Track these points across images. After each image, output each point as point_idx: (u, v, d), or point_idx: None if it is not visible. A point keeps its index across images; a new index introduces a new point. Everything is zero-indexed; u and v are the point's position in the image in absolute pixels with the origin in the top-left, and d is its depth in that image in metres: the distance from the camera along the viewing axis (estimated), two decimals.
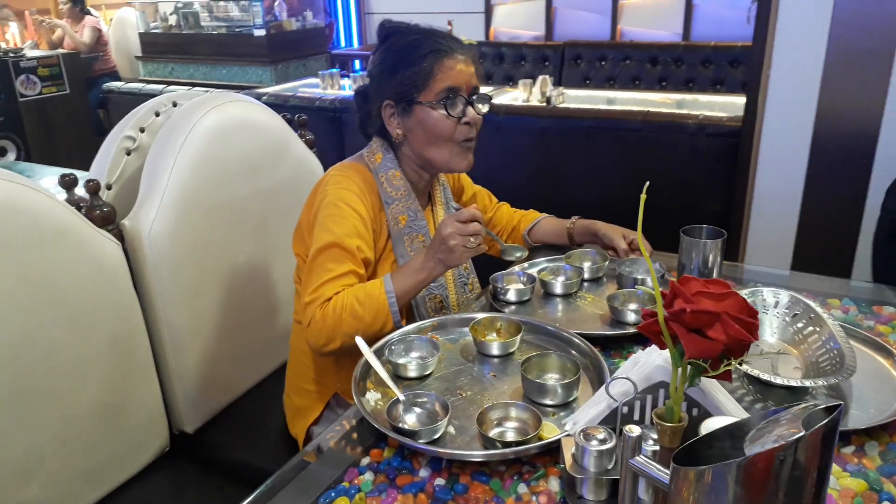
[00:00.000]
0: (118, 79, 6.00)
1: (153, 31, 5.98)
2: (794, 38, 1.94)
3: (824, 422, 0.50)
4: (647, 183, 0.74)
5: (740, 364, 0.74)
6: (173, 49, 5.85)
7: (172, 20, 5.92)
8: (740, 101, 2.91)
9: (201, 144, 1.51)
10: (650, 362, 0.90)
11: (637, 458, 0.66)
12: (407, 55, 1.37)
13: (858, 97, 1.90)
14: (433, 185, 1.54)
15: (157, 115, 1.62)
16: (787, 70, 1.98)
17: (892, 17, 1.82)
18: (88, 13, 6.23)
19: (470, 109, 1.37)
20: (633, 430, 0.68)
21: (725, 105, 2.83)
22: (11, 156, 4.94)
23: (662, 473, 0.63)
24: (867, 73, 1.88)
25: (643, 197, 0.73)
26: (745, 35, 4.58)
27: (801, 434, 0.49)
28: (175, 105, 1.65)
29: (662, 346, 0.76)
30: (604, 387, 0.90)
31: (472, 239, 1.24)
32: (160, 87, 3.54)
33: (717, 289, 0.74)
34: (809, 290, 1.43)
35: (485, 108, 1.40)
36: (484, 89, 1.43)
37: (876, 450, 0.97)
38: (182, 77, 5.81)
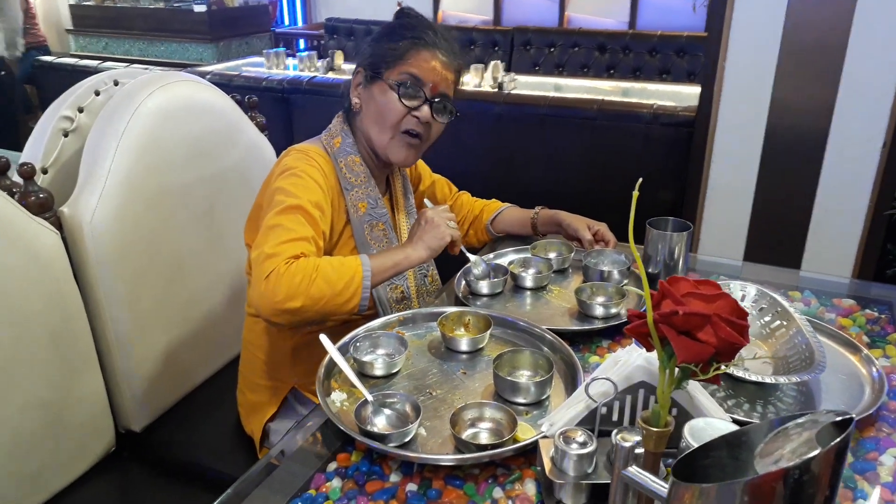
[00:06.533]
0: (49, 53, 5.68)
1: (85, 3, 5.68)
2: (749, 29, 1.96)
3: (839, 439, 0.48)
4: (640, 179, 0.71)
5: (729, 367, 0.72)
6: (107, 23, 5.58)
7: None
8: (688, 90, 2.95)
9: (146, 126, 1.41)
10: (630, 362, 0.87)
11: (630, 468, 0.63)
12: (392, 32, 1.36)
13: (811, 90, 1.93)
14: (392, 173, 1.49)
15: (98, 94, 1.51)
16: (743, 61, 1.99)
17: (845, 11, 1.85)
18: None
19: (425, 108, 1.33)
20: (628, 439, 0.65)
21: (674, 94, 2.85)
22: None
23: (659, 486, 0.60)
24: (819, 66, 1.91)
25: (635, 194, 0.70)
26: (690, 25, 4.67)
27: (818, 452, 0.47)
28: (116, 84, 1.55)
29: (650, 348, 0.74)
30: (582, 387, 0.87)
31: (451, 221, 1.30)
32: (95, 62, 3.34)
33: (707, 290, 0.71)
34: (764, 281, 1.44)
35: (441, 118, 1.36)
36: None
37: None
38: (117, 53, 5.55)
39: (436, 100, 1.33)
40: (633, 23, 5.17)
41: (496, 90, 3.43)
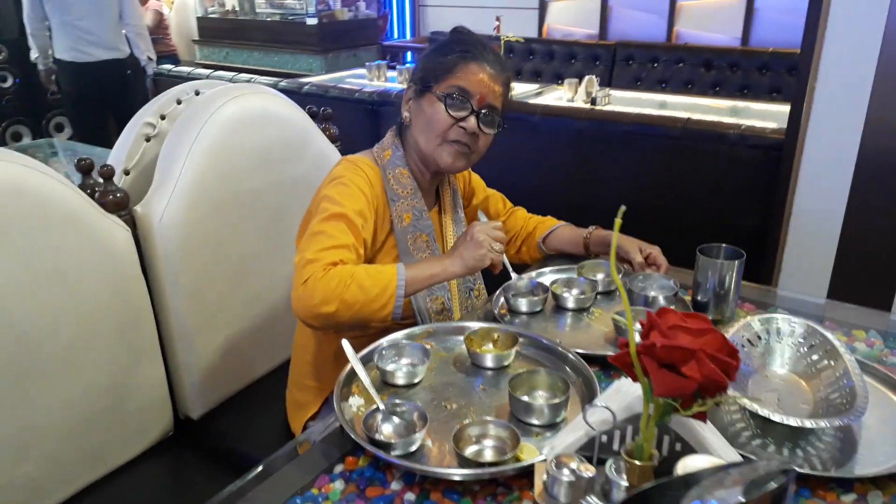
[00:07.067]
0: (177, 62, 6.13)
1: (210, 15, 6.09)
2: (843, 47, 1.83)
3: (766, 489, 0.46)
4: (623, 208, 0.69)
5: (717, 405, 0.69)
6: (228, 34, 5.95)
7: (229, 5, 6.01)
8: None
9: (218, 134, 1.51)
10: (632, 391, 0.85)
11: (588, 498, 0.61)
12: (443, 47, 1.40)
13: None
14: (442, 187, 1.51)
15: (179, 102, 1.63)
16: (836, 81, 1.87)
17: None
18: None
19: (472, 119, 1.34)
20: (590, 469, 0.64)
21: (779, 115, 2.71)
22: (66, 134, 5.09)
23: None
24: None
25: (618, 222, 0.69)
26: None
27: (738, 501, 0.45)
28: (197, 94, 1.66)
29: (636, 379, 0.72)
30: (581, 413, 0.86)
31: (497, 244, 1.26)
32: (206, 72, 3.58)
33: (695, 324, 0.69)
34: (837, 320, 1.35)
35: (488, 130, 1.37)
36: (531, 86, 1.41)
37: (880, 500, 0.90)
38: (236, 62, 5.91)
39: (483, 111, 1.35)
40: (746, 39, 4.95)
41: (589, 106, 3.40)
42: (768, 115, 2.90)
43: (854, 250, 1.93)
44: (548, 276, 1.52)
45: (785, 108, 2.05)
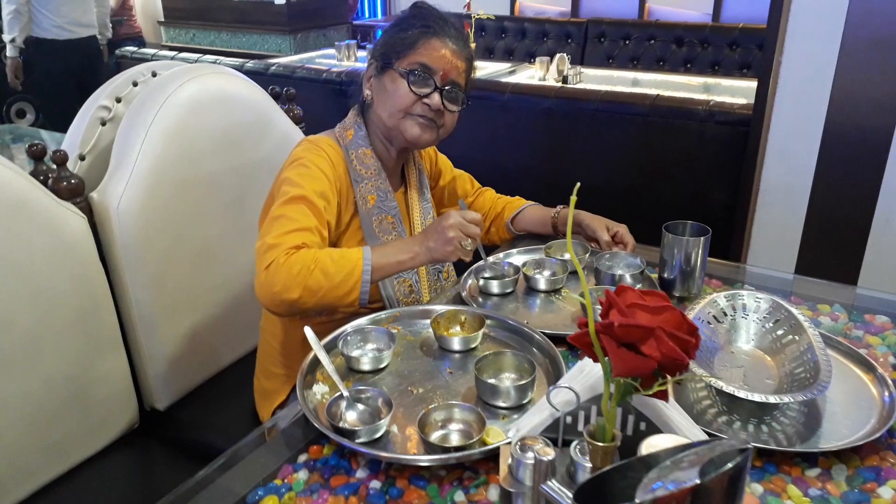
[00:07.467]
0: (143, 44, 5.98)
1: None
2: (808, 22, 1.83)
3: (722, 469, 0.45)
4: (578, 185, 0.67)
5: (678, 383, 0.68)
6: (195, 15, 5.82)
7: None
8: None
9: (175, 116, 1.46)
10: (595, 372, 0.84)
11: (549, 483, 0.60)
12: (403, 22, 1.37)
13: (875, 88, 1.79)
14: (408, 167, 1.48)
15: (135, 84, 1.58)
16: (801, 56, 1.87)
17: None
18: None
19: (436, 95, 1.31)
20: (548, 452, 0.63)
21: (749, 91, 2.70)
22: (29, 119, 4.96)
23: None
24: (885, 62, 1.76)
25: (573, 199, 0.67)
26: None
27: (694, 483, 0.44)
28: (154, 75, 1.61)
29: (595, 359, 0.71)
30: (545, 395, 0.84)
31: (469, 240, 1.22)
32: (171, 53, 3.49)
33: (653, 301, 0.67)
34: (803, 294, 1.35)
35: (452, 107, 1.35)
36: (503, 65, 1.39)
37: (844, 474, 0.90)
38: (203, 44, 5.79)
39: (446, 87, 1.32)
40: (717, 15, 4.95)
41: (560, 84, 3.37)
42: (739, 92, 2.90)
43: (821, 225, 1.95)
44: (515, 256, 1.51)
45: (755, 84, 2.05)
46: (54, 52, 3.96)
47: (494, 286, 1.36)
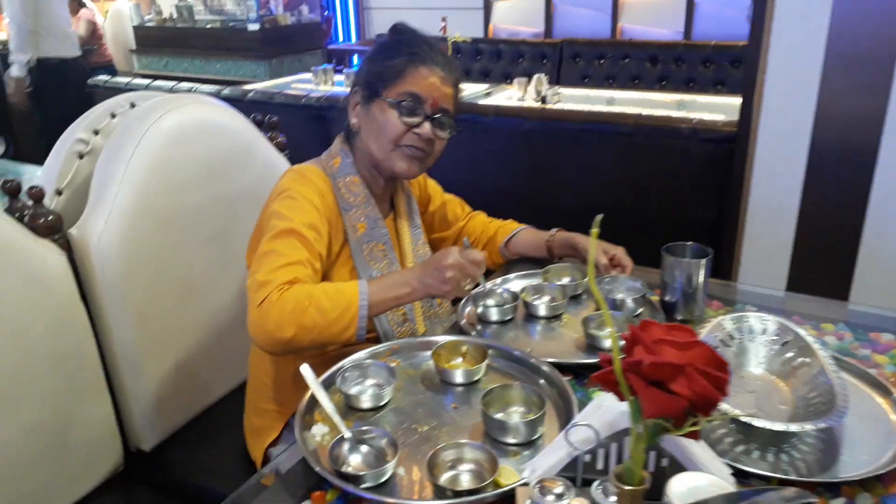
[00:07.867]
0: (114, 72, 5.90)
1: (147, 24, 5.88)
2: (790, 39, 1.84)
3: None
4: (600, 216, 0.64)
5: (710, 422, 0.64)
6: (168, 42, 5.76)
7: (167, 12, 5.82)
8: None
9: (156, 148, 1.41)
10: (614, 407, 0.80)
11: None
12: (388, 49, 1.33)
13: (858, 103, 1.80)
14: (396, 193, 1.45)
15: (114, 116, 1.53)
16: (784, 73, 1.87)
17: (894, 19, 1.72)
18: (83, 5, 6.13)
19: (426, 125, 1.29)
20: (582, 502, 0.59)
21: (725, 107, 2.72)
22: None
23: None
24: (868, 77, 1.77)
25: (594, 231, 0.64)
26: (746, 34, 4.49)
27: None
28: (133, 106, 1.56)
29: (622, 398, 0.67)
30: (562, 433, 0.81)
31: (468, 280, 1.18)
32: (145, 82, 3.44)
33: (681, 336, 0.64)
34: (803, 313, 1.34)
35: (442, 134, 1.32)
36: (480, 86, 1.36)
37: (868, 502, 0.87)
38: (176, 71, 5.72)
39: (436, 116, 1.29)
40: (689, 33, 5.01)
41: (539, 104, 3.37)
42: (715, 108, 2.92)
43: (811, 240, 1.95)
44: (513, 282, 1.47)
45: (730, 100, 2.06)
46: (55, 72, 3.99)
47: (493, 313, 1.33)
